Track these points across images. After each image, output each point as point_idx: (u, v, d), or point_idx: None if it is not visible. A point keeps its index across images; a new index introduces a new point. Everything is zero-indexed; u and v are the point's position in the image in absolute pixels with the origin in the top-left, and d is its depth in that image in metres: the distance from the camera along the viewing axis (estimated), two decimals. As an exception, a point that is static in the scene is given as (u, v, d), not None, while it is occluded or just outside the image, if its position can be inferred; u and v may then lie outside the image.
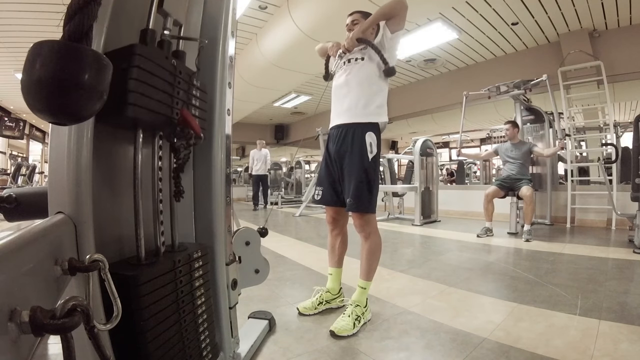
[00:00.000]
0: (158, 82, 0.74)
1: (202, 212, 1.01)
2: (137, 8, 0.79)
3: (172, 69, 0.79)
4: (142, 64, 0.69)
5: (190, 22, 0.98)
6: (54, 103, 0.41)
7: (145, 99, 0.70)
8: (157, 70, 0.74)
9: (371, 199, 1.51)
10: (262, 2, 4.36)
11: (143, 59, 0.69)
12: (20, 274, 0.38)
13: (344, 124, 1.54)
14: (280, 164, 11.56)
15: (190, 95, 0.86)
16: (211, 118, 0.99)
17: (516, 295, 1.81)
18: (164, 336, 0.74)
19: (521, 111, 4.94)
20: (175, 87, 0.80)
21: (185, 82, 0.84)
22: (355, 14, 1.62)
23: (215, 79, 1.00)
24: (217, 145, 1.00)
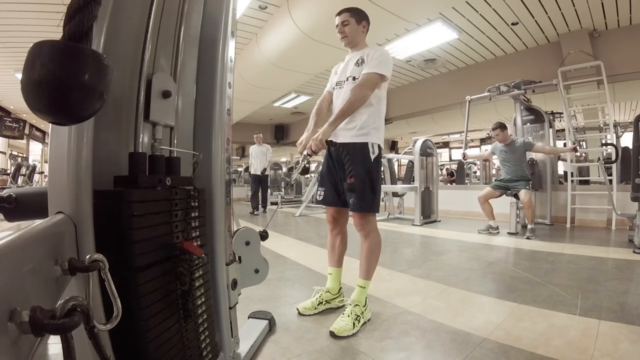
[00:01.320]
0: (156, 219, 0.73)
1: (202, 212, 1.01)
2: (137, 7, 0.78)
3: (168, 193, 0.77)
4: (137, 211, 0.68)
5: (191, 22, 0.97)
6: (54, 103, 0.41)
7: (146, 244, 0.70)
8: (153, 207, 0.72)
9: (374, 199, 1.51)
10: (262, 2, 4.36)
11: (136, 205, 0.68)
12: (20, 274, 0.38)
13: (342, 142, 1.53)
14: (280, 164, 11.56)
15: (189, 211, 0.84)
16: (211, 118, 0.99)
17: (516, 295, 1.81)
18: (164, 336, 0.74)
19: (521, 111, 4.94)
20: (173, 213, 0.78)
21: (182, 199, 0.82)
22: (344, 14, 1.57)
23: (215, 79, 1.00)
24: (217, 145, 1.00)
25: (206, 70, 1.02)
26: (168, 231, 0.77)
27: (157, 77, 0.79)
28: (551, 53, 5.38)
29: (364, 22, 1.60)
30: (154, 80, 0.78)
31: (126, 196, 0.67)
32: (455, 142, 15.38)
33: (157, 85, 0.79)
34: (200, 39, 1.03)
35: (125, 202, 0.67)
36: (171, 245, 0.78)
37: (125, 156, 0.73)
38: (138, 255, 0.68)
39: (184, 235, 0.82)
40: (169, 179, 0.79)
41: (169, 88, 0.81)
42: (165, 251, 0.76)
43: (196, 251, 0.81)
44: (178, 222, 0.81)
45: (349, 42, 1.60)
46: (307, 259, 2.68)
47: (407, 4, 3.69)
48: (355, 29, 1.58)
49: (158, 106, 0.79)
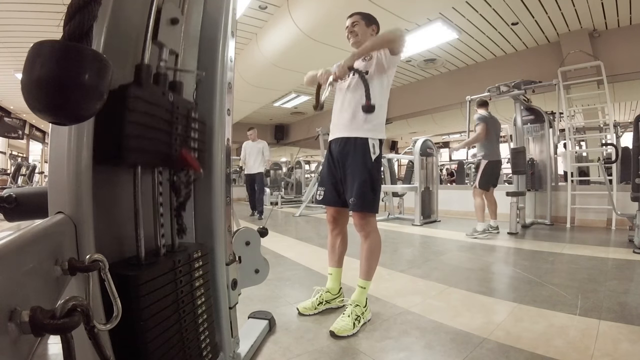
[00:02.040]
0: (156, 122, 0.73)
1: (202, 212, 1.01)
2: (137, 7, 0.79)
3: (169, 105, 0.78)
4: (138, 107, 0.67)
5: (190, 22, 0.98)
6: (54, 103, 0.41)
7: (143, 142, 0.69)
8: (154, 110, 0.72)
9: (375, 199, 1.51)
10: (262, 2, 4.36)
11: (139, 100, 0.67)
12: (20, 274, 0.38)
13: (344, 137, 1.54)
14: (280, 164, 11.55)
15: (189, 129, 0.85)
16: (211, 118, 0.99)
17: (516, 295, 1.81)
18: (164, 336, 0.74)
19: (521, 111, 4.94)
20: (174, 124, 0.79)
21: (184, 116, 0.82)
22: (355, 16, 1.62)
23: (215, 79, 1.00)
24: (217, 145, 1.00)
25: (206, 71, 1.02)
26: (166, 138, 0.77)
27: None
28: (551, 53, 5.38)
29: (373, 25, 1.64)
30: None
31: (130, 91, 0.66)
32: (456, 142, 15.38)
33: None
34: (200, 39, 1.03)
35: (127, 98, 0.66)
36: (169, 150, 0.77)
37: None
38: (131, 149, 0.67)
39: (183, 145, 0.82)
40: (172, 95, 0.80)
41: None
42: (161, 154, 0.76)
43: (193, 162, 0.80)
44: (178, 135, 0.80)
45: (356, 41, 1.61)
46: (307, 259, 2.68)
47: (407, 4, 3.69)
48: (364, 30, 1.60)
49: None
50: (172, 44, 0.83)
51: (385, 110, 1.57)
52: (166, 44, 0.80)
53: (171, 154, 0.78)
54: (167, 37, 0.80)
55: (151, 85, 0.75)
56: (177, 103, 0.81)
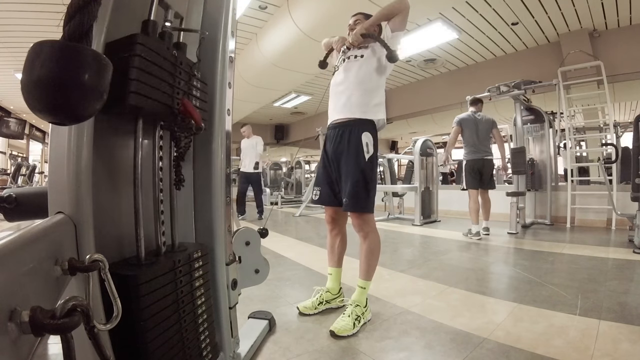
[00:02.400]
0: (159, 71, 0.75)
1: (202, 212, 1.01)
2: (137, 6, 0.79)
3: (173, 59, 0.80)
4: (143, 53, 0.69)
5: (191, 22, 0.98)
6: (54, 103, 0.41)
7: (146, 88, 0.70)
8: (159, 60, 0.74)
9: (368, 199, 1.51)
10: (262, 2, 4.36)
11: (144, 48, 0.70)
12: (20, 274, 0.38)
13: (341, 123, 1.54)
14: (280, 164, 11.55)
15: (191, 86, 0.87)
16: (211, 118, 0.99)
17: (516, 295, 1.81)
18: (164, 336, 0.74)
19: (521, 111, 4.94)
20: (177, 77, 0.81)
21: (186, 72, 0.85)
22: (358, 15, 1.66)
23: (215, 79, 1.00)
24: (217, 145, 1.00)
25: (206, 71, 1.01)
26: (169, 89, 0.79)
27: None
28: (551, 53, 5.38)
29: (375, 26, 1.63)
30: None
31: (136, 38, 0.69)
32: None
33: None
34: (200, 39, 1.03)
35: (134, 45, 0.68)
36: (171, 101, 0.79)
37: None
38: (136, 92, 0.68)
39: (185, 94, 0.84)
40: (176, 53, 0.82)
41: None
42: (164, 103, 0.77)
43: (194, 112, 0.82)
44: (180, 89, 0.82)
45: None
46: (307, 259, 2.68)
47: (407, 4, 3.68)
48: None
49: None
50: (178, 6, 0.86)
51: (383, 91, 1.58)
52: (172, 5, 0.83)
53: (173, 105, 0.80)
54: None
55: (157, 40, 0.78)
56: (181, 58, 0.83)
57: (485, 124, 3.69)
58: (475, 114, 3.75)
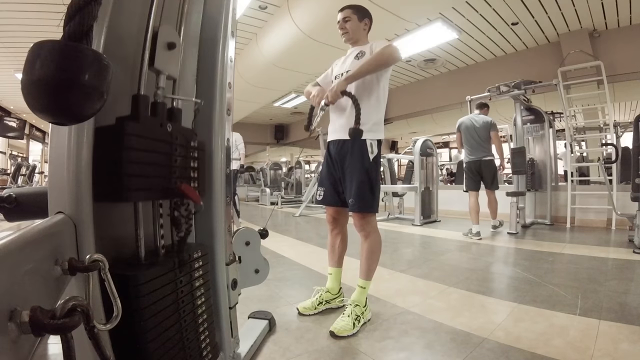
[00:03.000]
0: (155, 157, 0.72)
1: (202, 212, 1.01)
2: (137, 6, 0.78)
3: (168, 136, 0.77)
4: (135, 144, 0.66)
5: (191, 22, 0.98)
6: (54, 103, 0.41)
7: (142, 180, 0.68)
8: (153, 145, 0.72)
9: (374, 199, 1.51)
10: (262, 2, 4.36)
11: (136, 138, 0.67)
12: (20, 274, 0.38)
13: (341, 140, 1.53)
14: (280, 164, 11.55)
15: (188, 159, 0.84)
16: (211, 118, 0.99)
17: (516, 295, 1.81)
18: (164, 336, 0.74)
19: (521, 111, 4.94)
20: (173, 156, 0.78)
21: (182, 146, 0.82)
22: (346, 10, 1.57)
23: (215, 79, 1.00)
24: (217, 145, 1.00)
25: (206, 71, 1.02)
26: (166, 172, 0.76)
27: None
28: (551, 53, 5.38)
29: (366, 19, 1.60)
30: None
31: (127, 128, 0.65)
32: (456, 142, 15.37)
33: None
34: (200, 39, 1.03)
35: (124, 135, 0.65)
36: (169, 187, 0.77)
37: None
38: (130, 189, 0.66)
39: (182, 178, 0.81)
40: (170, 125, 0.79)
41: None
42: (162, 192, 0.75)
43: (194, 196, 0.79)
44: (177, 167, 0.79)
45: (349, 38, 1.60)
46: (307, 259, 2.68)
47: (407, 4, 3.69)
48: (356, 25, 1.58)
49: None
50: (170, 69, 0.81)
51: (382, 111, 1.56)
52: (163, 70, 0.78)
53: (171, 187, 0.77)
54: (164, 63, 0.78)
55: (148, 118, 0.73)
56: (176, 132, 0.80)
57: (483, 125, 3.74)
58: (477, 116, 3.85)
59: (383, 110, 1.56)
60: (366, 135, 1.49)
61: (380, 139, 1.54)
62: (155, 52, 0.75)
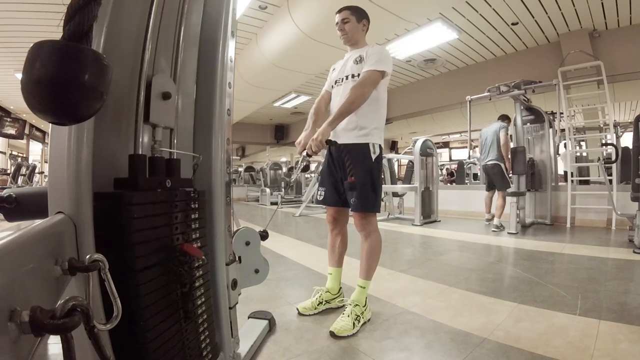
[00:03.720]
0: (155, 220, 0.73)
1: (202, 213, 1.01)
2: (137, 7, 0.78)
3: (167, 197, 0.77)
4: (137, 214, 0.68)
5: (191, 22, 0.97)
6: (54, 103, 0.41)
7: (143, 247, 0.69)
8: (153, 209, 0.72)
9: (376, 199, 1.51)
10: (262, 2, 4.36)
11: (136, 207, 0.68)
12: (20, 274, 0.38)
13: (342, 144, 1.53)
14: (280, 164, 11.55)
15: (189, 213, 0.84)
16: (211, 118, 0.99)
17: (516, 295, 1.81)
18: (164, 336, 0.74)
19: (521, 111, 4.94)
20: (173, 215, 0.78)
21: (182, 200, 0.82)
22: (345, 12, 1.56)
23: (215, 79, 1.00)
24: (217, 145, 1.00)
25: (206, 70, 1.01)
26: (168, 233, 0.77)
27: (157, 79, 0.79)
28: (551, 53, 5.38)
29: (364, 20, 1.60)
30: (153, 82, 0.78)
31: (126, 199, 0.67)
32: (456, 142, 15.37)
33: (157, 86, 0.79)
34: (200, 39, 1.03)
35: (125, 205, 0.67)
36: (171, 248, 0.78)
37: (125, 157, 0.73)
38: (138, 258, 0.68)
39: (184, 237, 0.82)
40: (169, 181, 0.79)
41: (168, 89, 0.81)
42: (165, 253, 0.76)
43: (196, 253, 0.81)
44: (178, 224, 0.80)
45: (348, 39, 1.59)
46: (307, 259, 2.68)
47: (407, 4, 3.69)
48: (355, 27, 1.57)
49: (158, 108, 0.79)
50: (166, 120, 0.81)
51: (383, 116, 1.56)
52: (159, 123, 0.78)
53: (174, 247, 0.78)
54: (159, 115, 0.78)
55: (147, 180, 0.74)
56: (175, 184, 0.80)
57: (490, 132, 4.28)
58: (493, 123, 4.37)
59: (383, 115, 1.57)
60: (367, 140, 1.50)
61: (381, 144, 1.54)
62: (150, 106, 0.76)
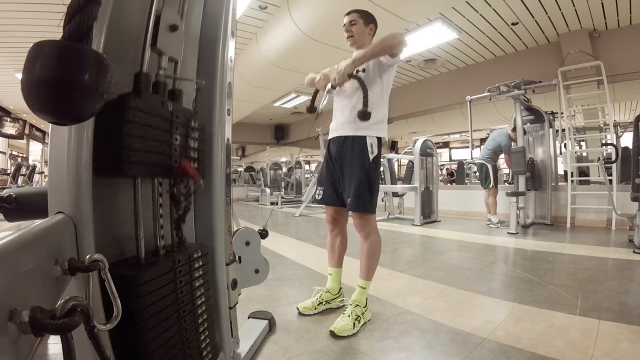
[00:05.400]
0: (155, 132, 0.73)
1: (202, 212, 1.01)
2: (137, 7, 0.78)
3: (169, 114, 0.78)
4: (137, 118, 0.67)
5: (191, 23, 0.98)
6: (54, 103, 0.41)
7: (142, 154, 0.69)
8: (154, 121, 0.72)
9: (372, 199, 1.51)
10: (262, 2, 4.36)
11: (138, 112, 0.68)
12: (20, 274, 0.38)
13: (342, 136, 1.53)
14: (280, 164, 11.55)
15: (189, 138, 0.85)
16: (211, 118, 0.99)
17: (516, 295, 1.81)
18: (164, 336, 0.74)
19: (521, 111, 4.94)
20: (173, 134, 0.79)
21: (183, 125, 0.82)
22: (353, 14, 1.58)
23: (215, 79, 1.00)
24: (217, 145, 1.00)
25: (206, 70, 1.01)
26: (166, 149, 0.77)
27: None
28: (551, 53, 5.38)
29: (371, 24, 1.61)
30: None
31: (129, 102, 0.67)
32: (456, 142, 15.38)
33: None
34: (200, 39, 1.03)
35: (126, 108, 0.66)
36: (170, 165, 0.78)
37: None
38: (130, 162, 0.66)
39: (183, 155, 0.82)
40: (171, 105, 0.80)
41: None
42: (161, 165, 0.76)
43: (193, 172, 0.80)
44: (177, 145, 0.80)
45: (354, 41, 1.59)
46: (307, 259, 2.68)
47: (407, 4, 3.69)
48: (362, 30, 1.57)
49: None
50: (172, 51, 0.82)
51: (386, 108, 1.56)
52: (165, 51, 0.79)
53: (171, 165, 0.78)
54: (166, 44, 0.79)
55: (150, 95, 0.74)
56: (177, 112, 0.81)
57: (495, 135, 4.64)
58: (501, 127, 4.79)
59: (386, 108, 1.56)
60: (366, 132, 1.49)
61: (381, 137, 1.53)
62: (158, 34, 0.76)
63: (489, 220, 4.45)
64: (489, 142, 4.65)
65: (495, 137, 4.59)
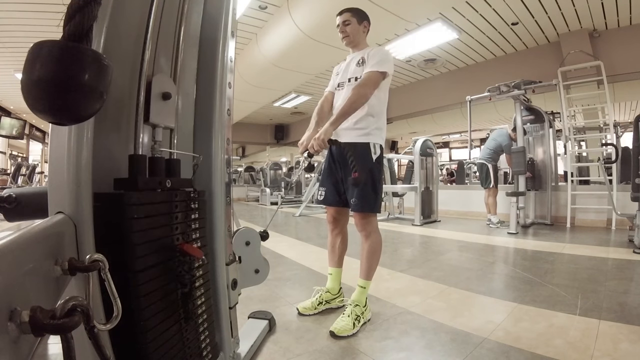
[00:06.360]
0: (155, 221, 0.73)
1: (203, 213, 1.01)
2: (137, 7, 0.78)
3: (168, 197, 0.77)
4: (137, 214, 0.68)
5: (191, 22, 0.97)
6: (54, 103, 0.41)
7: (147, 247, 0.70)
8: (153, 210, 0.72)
9: (376, 199, 1.51)
10: (262, 2, 4.36)
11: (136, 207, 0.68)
12: (20, 274, 0.38)
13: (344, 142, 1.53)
14: (280, 164, 11.55)
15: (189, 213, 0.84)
16: (211, 118, 0.99)
17: (516, 295, 1.81)
18: (164, 336, 0.74)
19: (521, 111, 4.94)
20: (173, 215, 0.78)
21: (183, 201, 0.82)
22: (345, 14, 1.57)
23: (215, 79, 1.00)
24: (217, 145, 1.00)
25: (206, 71, 1.01)
26: (168, 233, 0.77)
27: (157, 79, 0.79)
28: (551, 53, 5.38)
29: (365, 22, 1.60)
30: (153, 82, 0.78)
31: (126, 199, 0.67)
32: (456, 142, 15.37)
33: (157, 86, 0.79)
34: (200, 39, 1.03)
35: (125, 205, 0.66)
36: (171, 248, 0.78)
37: (125, 158, 0.73)
38: (138, 258, 0.68)
39: (184, 238, 0.82)
40: (169, 181, 0.79)
41: (168, 90, 0.81)
42: (165, 253, 0.76)
43: (196, 253, 0.80)
44: (178, 224, 0.80)
45: (350, 41, 1.60)
46: (307, 259, 2.68)
47: (407, 4, 3.69)
48: (356, 28, 1.58)
49: (158, 108, 0.79)
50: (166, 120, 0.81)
51: (384, 116, 1.57)
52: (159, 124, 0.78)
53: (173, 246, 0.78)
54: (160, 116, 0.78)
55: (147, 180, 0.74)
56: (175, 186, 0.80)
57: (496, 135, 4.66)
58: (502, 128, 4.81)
59: (384, 116, 1.57)
60: (368, 139, 1.50)
61: (382, 144, 1.55)
62: (150, 106, 0.75)
63: (489, 220, 4.45)
64: (489, 142, 4.68)
65: (496, 137, 4.60)
